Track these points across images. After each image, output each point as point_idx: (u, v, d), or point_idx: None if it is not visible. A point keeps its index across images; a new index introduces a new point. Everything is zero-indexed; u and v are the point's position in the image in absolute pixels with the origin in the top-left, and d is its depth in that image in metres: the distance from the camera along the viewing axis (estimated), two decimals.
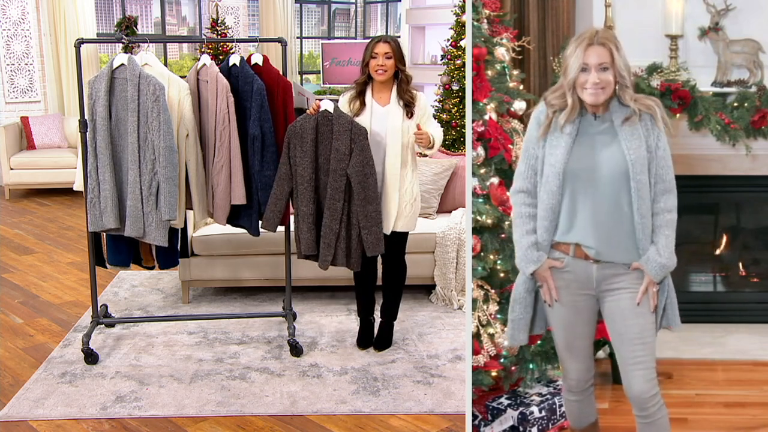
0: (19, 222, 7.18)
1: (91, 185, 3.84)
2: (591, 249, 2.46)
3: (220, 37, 9.65)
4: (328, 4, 12.82)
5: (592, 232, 2.45)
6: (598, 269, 2.48)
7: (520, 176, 2.58)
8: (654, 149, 2.43)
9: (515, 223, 2.58)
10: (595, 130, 2.47)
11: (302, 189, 3.75)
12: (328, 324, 4.51)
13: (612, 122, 2.45)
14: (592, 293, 2.52)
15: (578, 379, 2.66)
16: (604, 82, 2.39)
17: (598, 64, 2.38)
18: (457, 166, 5.23)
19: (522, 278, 2.57)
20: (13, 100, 8.71)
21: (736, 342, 4.00)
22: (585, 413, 2.75)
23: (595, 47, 2.38)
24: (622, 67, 2.40)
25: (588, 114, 2.48)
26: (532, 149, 2.54)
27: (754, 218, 4.31)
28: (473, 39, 3.29)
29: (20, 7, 8.61)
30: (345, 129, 3.70)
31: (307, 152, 3.71)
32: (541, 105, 2.55)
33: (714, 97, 3.87)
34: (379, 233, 3.74)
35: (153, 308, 4.82)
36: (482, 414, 3.19)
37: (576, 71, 2.40)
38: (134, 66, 3.74)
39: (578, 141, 2.46)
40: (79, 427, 3.35)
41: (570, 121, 2.46)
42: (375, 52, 3.73)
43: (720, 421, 3.30)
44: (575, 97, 2.44)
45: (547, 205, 2.49)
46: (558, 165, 2.45)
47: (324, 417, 3.41)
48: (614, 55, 2.39)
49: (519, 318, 2.59)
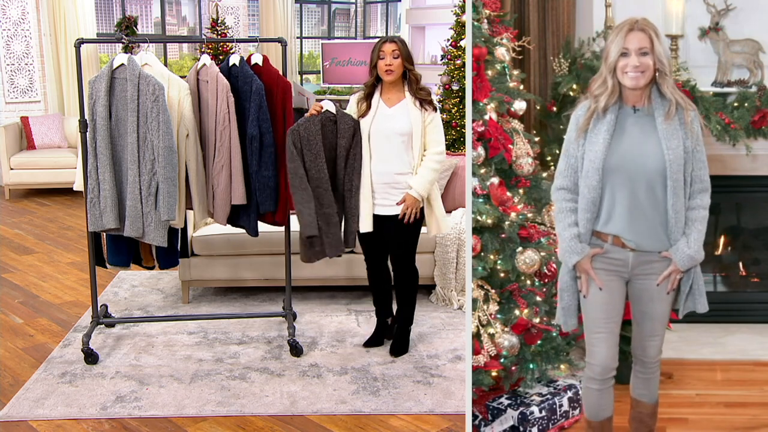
0: (19, 222, 7.18)
1: (91, 185, 3.84)
2: (630, 241, 2.58)
3: (220, 37, 9.65)
4: (328, 4, 12.82)
5: (629, 224, 2.56)
6: (634, 256, 2.60)
7: (560, 174, 2.67)
8: (692, 151, 2.53)
9: (557, 218, 2.67)
10: (633, 123, 2.54)
11: (320, 191, 3.76)
12: (328, 324, 4.51)
13: (653, 117, 2.53)
14: (626, 276, 2.64)
15: (604, 365, 2.69)
16: (643, 66, 2.47)
17: (638, 48, 2.46)
18: (457, 166, 5.23)
19: (565, 268, 2.66)
20: (13, 100, 8.71)
21: (736, 342, 4.00)
22: (603, 406, 2.77)
23: (636, 32, 2.47)
24: (661, 53, 2.48)
25: (627, 107, 2.56)
26: (572, 149, 2.63)
27: (755, 218, 4.31)
28: (473, 39, 3.29)
29: (20, 7, 8.61)
30: (348, 126, 3.76)
31: (318, 153, 3.74)
32: (581, 105, 2.63)
33: (714, 97, 3.87)
34: (355, 227, 3.83)
35: (153, 308, 4.82)
36: (482, 414, 3.19)
37: (616, 55, 2.49)
38: (134, 66, 3.74)
39: (617, 136, 2.54)
40: (79, 427, 3.35)
41: (609, 105, 2.52)
42: (382, 51, 3.73)
43: (720, 421, 3.30)
44: (615, 81, 2.52)
45: (588, 198, 2.58)
46: (597, 161, 2.53)
47: (324, 417, 3.41)
48: (654, 41, 2.47)
49: (568, 305, 2.69)
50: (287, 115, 4.01)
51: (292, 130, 3.76)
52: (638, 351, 2.78)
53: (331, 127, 3.76)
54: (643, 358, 2.77)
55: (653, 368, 2.79)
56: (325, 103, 3.79)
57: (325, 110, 3.76)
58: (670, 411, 3.33)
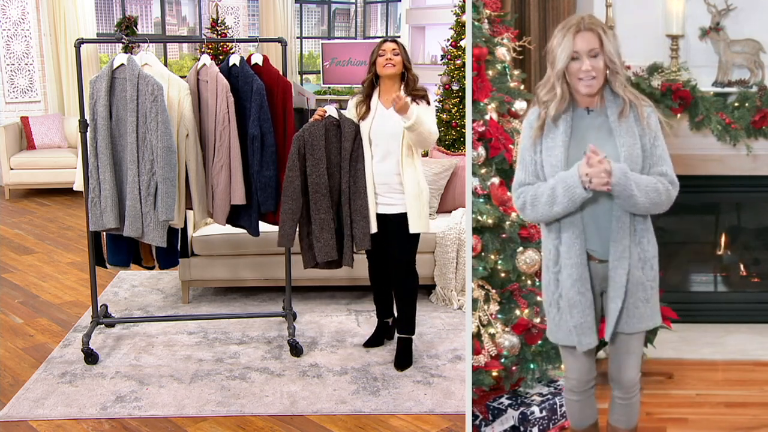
0: (19, 222, 7.18)
1: (91, 185, 3.84)
2: (595, 252, 2.45)
3: (220, 37, 9.65)
4: (328, 4, 12.82)
5: (594, 234, 2.43)
6: (602, 268, 2.46)
7: (519, 183, 2.51)
8: (650, 148, 2.38)
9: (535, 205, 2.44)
10: (588, 125, 2.42)
11: (318, 197, 3.75)
12: (328, 324, 4.50)
13: (607, 117, 2.40)
14: (598, 290, 2.51)
15: (579, 379, 2.65)
16: (596, 70, 2.32)
17: (588, 50, 2.30)
18: (457, 166, 5.22)
19: (570, 281, 2.45)
20: (13, 100, 8.71)
21: (736, 342, 4.00)
22: (586, 414, 2.74)
23: (584, 33, 2.31)
24: (612, 51, 2.33)
25: (580, 108, 2.42)
26: (528, 157, 2.47)
27: (755, 218, 4.30)
28: (474, 39, 3.29)
29: (20, 7, 8.61)
30: (351, 130, 3.76)
31: (320, 159, 3.73)
32: (531, 111, 2.50)
33: (715, 97, 3.87)
34: (367, 227, 3.76)
35: (153, 308, 4.81)
36: (483, 414, 3.18)
37: (565, 60, 2.33)
38: (134, 66, 3.73)
39: (574, 141, 2.41)
40: (79, 427, 3.34)
41: (561, 113, 2.39)
42: (383, 49, 3.74)
43: (721, 421, 3.29)
44: (564, 87, 2.37)
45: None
46: (559, 166, 2.40)
47: (324, 417, 3.40)
48: (603, 39, 2.31)
49: (580, 323, 2.46)
50: (287, 115, 4.01)
51: (297, 136, 3.75)
52: (614, 372, 2.61)
53: (335, 132, 3.76)
54: (619, 379, 2.61)
55: (632, 393, 2.63)
56: (328, 108, 3.80)
57: (328, 115, 3.77)
58: (670, 411, 3.32)
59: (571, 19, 2.35)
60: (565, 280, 2.47)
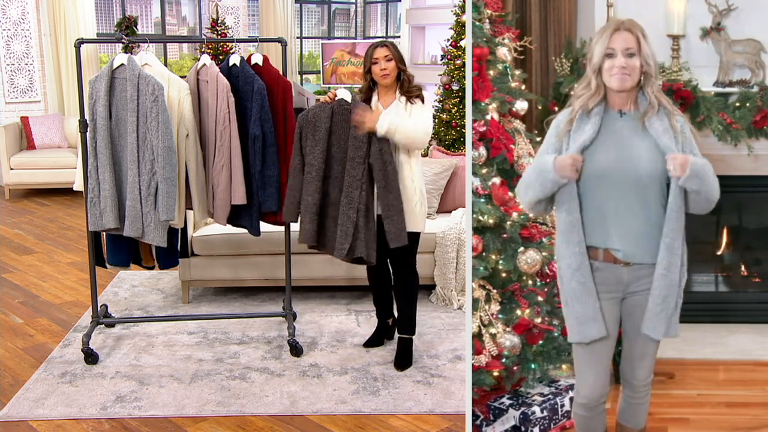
0: (19, 222, 7.18)
1: (91, 185, 3.84)
2: (619, 251, 2.41)
3: (220, 37, 9.64)
4: (328, 4, 12.81)
5: (620, 232, 2.40)
6: (628, 272, 2.43)
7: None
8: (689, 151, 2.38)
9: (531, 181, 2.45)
10: (622, 126, 2.41)
11: (309, 178, 3.68)
12: (328, 324, 4.50)
13: (641, 121, 2.39)
14: (620, 296, 2.47)
15: (590, 396, 2.55)
16: (630, 68, 2.34)
17: (624, 48, 2.34)
18: (457, 166, 5.22)
19: (569, 271, 2.43)
20: (13, 100, 8.70)
21: (737, 342, 4.00)
22: (594, 429, 2.65)
23: (622, 32, 2.35)
24: (648, 54, 2.36)
25: (612, 111, 2.42)
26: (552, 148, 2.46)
27: (756, 218, 4.30)
28: (475, 39, 3.28)
29: (20, 7, 8.60)
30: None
31: (320, 141, 3.65)
32: (562, 112, 2.49)
33: (716, 97, 3.86)
34: (402, 223, 3.62)
35: (153, 308, 4.81)
36: (484, 414, 3.18)
37: (601, 56, 2.36)
38: (134, 66, 3.73)
39: (604, 139, 2.39)
40: (79, 427, 3.34)
41: (594, 106, 2.39)
42: (375, 57, 3.71)
43: (722, 421, 3.29)
44: (599, 80, 2.39)
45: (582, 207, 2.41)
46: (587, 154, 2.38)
47: (324, 417, 3.40)
48: (641, 41, 2.35)
49: (581, 314, 2.43)
50: (288, 115, 4.01)
51: (301, 115, 3.70)
52: (627, 372, 2.61)
53: (345, 116, 3.65)
54: (632, 380, 2.60)
55: (643, 392, 2.63)
56: (340, 91, 3.71)
57: (339, 98, 3.69)
58: (671, 411, 3.32)
59: (612, 19, 2.42)
60: (564, 271, 2.45)
